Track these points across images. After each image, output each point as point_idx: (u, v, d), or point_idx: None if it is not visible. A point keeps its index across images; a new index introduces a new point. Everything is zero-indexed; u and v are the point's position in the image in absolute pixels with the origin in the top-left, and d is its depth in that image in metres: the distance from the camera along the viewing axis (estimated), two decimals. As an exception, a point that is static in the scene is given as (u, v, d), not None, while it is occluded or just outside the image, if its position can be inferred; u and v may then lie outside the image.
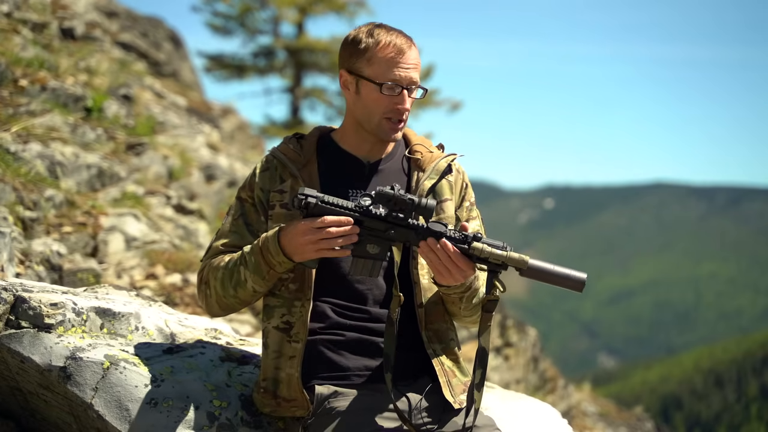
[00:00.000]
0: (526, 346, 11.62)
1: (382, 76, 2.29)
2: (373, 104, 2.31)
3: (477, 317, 2.38)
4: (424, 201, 2.11)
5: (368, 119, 2.33)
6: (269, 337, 2.33)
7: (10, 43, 6.31)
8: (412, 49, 2.33)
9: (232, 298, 2.31)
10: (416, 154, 2.44)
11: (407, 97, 2.31)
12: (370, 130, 2.35)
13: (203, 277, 2.36)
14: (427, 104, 19.57)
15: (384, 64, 2.29)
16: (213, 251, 2.39)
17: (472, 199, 2.50)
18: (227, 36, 20.03)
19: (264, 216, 2.36)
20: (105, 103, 6.75)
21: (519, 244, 11.87)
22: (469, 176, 2.52)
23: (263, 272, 2.23)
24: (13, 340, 2.39)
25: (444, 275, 2.15)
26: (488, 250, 2.13)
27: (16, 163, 4.82)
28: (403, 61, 2.30)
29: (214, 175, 9.03)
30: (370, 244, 2.17)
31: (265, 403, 2.34)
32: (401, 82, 2.29)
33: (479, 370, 2.22)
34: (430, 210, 2.11)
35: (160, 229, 5.74)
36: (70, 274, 4.36)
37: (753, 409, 43.87)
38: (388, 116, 2.31)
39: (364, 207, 2.14)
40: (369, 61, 2.30)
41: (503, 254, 2.13)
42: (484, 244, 2.13)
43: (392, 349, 2.23)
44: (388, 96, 2.29)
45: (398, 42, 2.30)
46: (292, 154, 2.39)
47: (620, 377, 56.37)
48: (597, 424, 13.53)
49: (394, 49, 2.29)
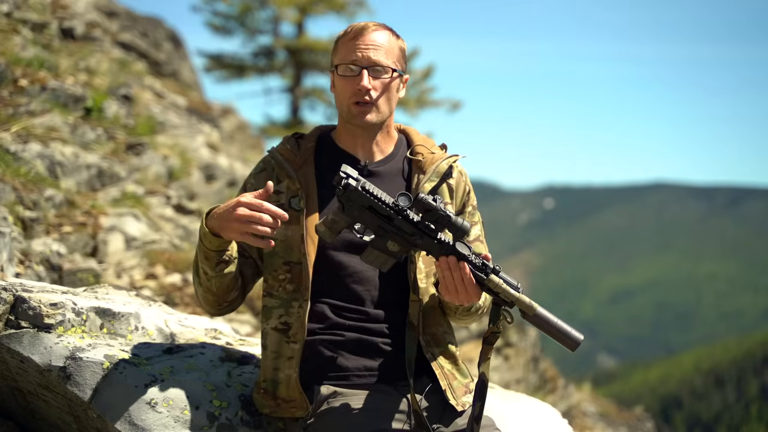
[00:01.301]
0: (526, 346, 11.62)
1: (342, 60, 2.32)
2: (340, 91, 2.34)
3: (470, 322, 2.41)
4: (460, 221, 2.10)
5: (341, 108, 2.36)
6: (268, 339, 2.33)
7: (10, 43, 6.31)
8: (373, 33, 2.33)
9: (200, 287, 2.32)
10: (417, 155, 2.43)
11: (367, 76, 2.30)
12: (346, 120, 2.36)
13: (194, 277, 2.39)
14: (427, 104, 19.58)
15: (344, 49, 2.33)
16: None
17: (474, 203, 2.49)
18: (227, 36, 20.02)
19: None
20: (105, 103, 6.75)
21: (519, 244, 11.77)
22: (469, 176, 2.51)
23: (201, 248, 2.23)
24: (13, 340, 2.39)
25: (451, 294, 2.16)
26: (502, 287, 2.14)
27: (16, 163, 4.82)
28: (360, 42, 2.31)
29: (214, 175, 9.04)
30: (392, 242, 2.16)
31: (265, 404, 2.34)
32: (360, 63, 2.30)
33: (479, 402, 2.22)
34: (463, 231, 2.10)
35: (160, 229, 5.74)
36: (70, 274, 4.35)
37: (753, 409, 43.85)
38: (354, 100, 2.32)
39: (400, 207, 2.12)
40: (336, 51, 2.35)
41: (515, 295, 2.14)
42: (501, 279, 2.14)
43: (413, 354, 2.25)
44: (349, 78, 2.31)
45: (357, 26, 2.34)
46: (289, 154, 2.39)
47: (620, 377, 56.33)
48: (597, 424, 13.53)
49: (353, 33, 2.33)
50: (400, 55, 2.38)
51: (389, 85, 2.34)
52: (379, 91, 2.32)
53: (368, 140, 2.40)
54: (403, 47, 2.40)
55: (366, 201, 2.11)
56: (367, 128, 2.37)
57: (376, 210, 2.12)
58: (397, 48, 2.37)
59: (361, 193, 2.10)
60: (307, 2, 18.88)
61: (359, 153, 2.41)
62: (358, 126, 2.36)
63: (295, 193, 2.34)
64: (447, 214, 2.10)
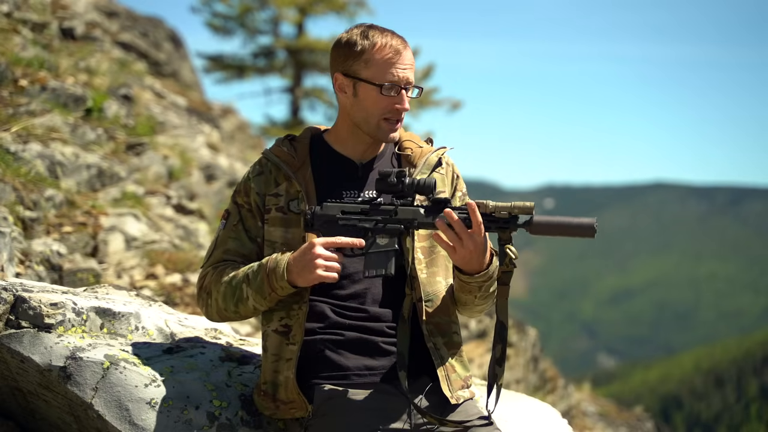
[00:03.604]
0: (526, 346, 11.62)
1: (381, 78, 2.30)
2: (373, 106, 2.32)
3: (488, 306, 2.42)
4: (423, 179, 2.20)
5: (366, 121, 2.35)
6: (268, 341, 2.34)
7: (10, 43, 6.31)
8: (407, 50, 2.35)
9: (233, 313, 2.34)
10: (406, 150, 2.46)
11: (405, 96, 2.33)
12: (368, 132, 2.36)
13: (205, 286, 2.37)
14: (427, 104, 19.57)
15: (382, 65, 2.30)
16: (214, 259, 2.39)
17: (464, 190, 2.52)
18: (227, 36, 20.00)
19: (260, 220, 2.36)
20: (105, 103, 6.75)
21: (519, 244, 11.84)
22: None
23: (265, 293, 2.25)
24: (13, 340, 2.39)
25: (466, 250, 2.18)
26: (492, 204, 2.18)
27: (16, 163, 4.82)
28: (400, 62, 2.32)
29: (214, 175, 9.04)
30: (380, 236, 2.20)
31: (265, 405, 2.35)
32: (399, 83, 2.31)
33: (499, 345, 2.28)
34: (429, 186, 2.20)
35: (160, 229, 5.74)
36: (70, 274, 4.36)
37: (753, 409, 43.84)
38: (387, 117, 2.33)
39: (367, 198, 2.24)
40: (366, 63, 2.31)
41: (508, 204, 2.17)
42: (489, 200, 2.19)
43: (405, 347, 2.26)
44: (388, 97, 2.31)
45: (394, 43, 2.32)
46: (286, 156, 2.39)
47: (620, 377, 56.31)
48: (597, 424, 13.52)
49: (391, 50, 2.31)
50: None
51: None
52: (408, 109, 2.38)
53: (371, 145, 2.43)
54: None
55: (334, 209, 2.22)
56: (390, 142, 2.41)
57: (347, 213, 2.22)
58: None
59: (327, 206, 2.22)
60: (307, 2, 18.87)
61: (353, 154, 2.42)
62: (382, 141, 2.39)
63: (295, 196, 2.34)
64: (406, 183, 2.20)
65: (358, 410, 2.23)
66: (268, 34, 20.04)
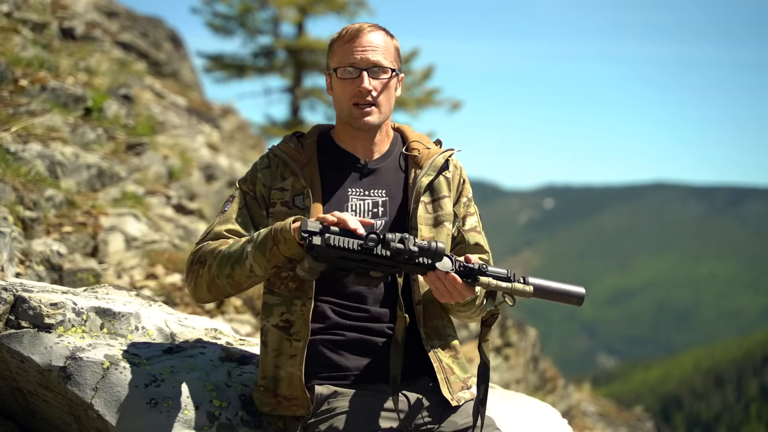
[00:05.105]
0: (526, 346, 11.62)
1: (340, 63, 2.33)
2: (340, 93, 2.35)
3: (472, 313, 2.39)
4: (434, 245, 2.08)
5: (342, 110, 2.37)
6: (268, 336, 2.33)
7: (10, 43, 6.31)
8: (370, 33, 2.35)
9: (225, 278, 2.26)
10: (413, 151, 2.45)
11: (367, 77, 2.32)
12: (347, 122, 2.38)
13: (199, 257, 2.31)
14: (427, 104, 19.57)
15: (341, 52, 2.34)
16: (214, 234, 2.34)
17: (470, 195, 2.51)
18: (227, 36, 20.01)
19: (265, 211, 2.36)
20: (105, 103, 6.75)
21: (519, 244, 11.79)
22: (469, 176, 2.54)
23: (267, 246, 2.18)
24: (13, 340, 2.39)
25: (446, 298, 2.19)
26: (494, 284, 2.16)
27: (16, 163, 4.82)
28: (357, 44, 2.33)
29: (214, 175, 9.04)
30: (374, 271, 2.13)
31: (265, 401, 2.34)
32: (359, 65, 2.32)
33: (482, 385, 2.25)
34: (440, 253, 2.10)
35: (160, 229, 5.74)
36: (70, 274, 4.36)
37: (753, 409, 43.86)
38: (356, 102, 2.34)
39: (370, 247, 2.08)
40: (333, 55, 2.37)
41: (508, 287, 2.16)
42: (490, 278, 2.15)
43: (398, 371, 2.22)
44: (349, 80, 2.32)
45: (353, 28, 2.35)
46: (293, 152, 2.40)
47: (620, 377, 56.34)
48: (597, 424, 13.52)
49: (348, 35, 2.34)
50: (395, 54, 2.40)
51: (388, 84, 2.37)
52: (378, 91, 2.34)
53: (367, 140, 2.42)
54: (397, 46, 2.42)
55: (335, 253, 2.08)
56: (368, 130, 2.38)
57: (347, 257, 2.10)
58: (392, 48, 2.39)
59: (328, 249, 2.06)
60: (307, 2, 18.88)
61: (358, 152, 2.43)
62: (359, 128, 2.37)
63: (300, 191, 2.34)
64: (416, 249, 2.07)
65: (358, 410, 2.23)
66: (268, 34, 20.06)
